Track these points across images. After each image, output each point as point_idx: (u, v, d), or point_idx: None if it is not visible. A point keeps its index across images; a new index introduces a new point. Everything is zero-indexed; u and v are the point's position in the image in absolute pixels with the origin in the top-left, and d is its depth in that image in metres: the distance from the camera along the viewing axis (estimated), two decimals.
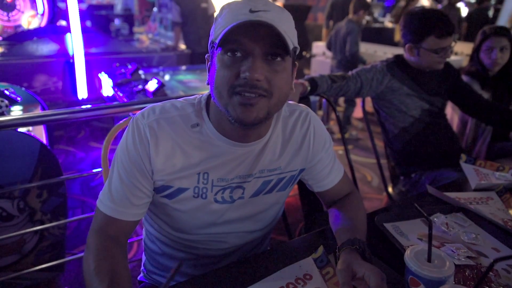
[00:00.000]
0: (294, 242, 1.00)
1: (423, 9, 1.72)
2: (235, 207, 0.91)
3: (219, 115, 0.82)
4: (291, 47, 0.74)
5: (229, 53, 0.74)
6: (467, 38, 5.86)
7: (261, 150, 0.89)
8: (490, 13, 7.46)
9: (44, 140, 2.33)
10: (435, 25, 1.61)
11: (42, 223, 1.81)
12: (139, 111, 0.86)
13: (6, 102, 1.91)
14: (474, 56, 2.09)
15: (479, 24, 5.57)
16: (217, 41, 0.73)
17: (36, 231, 1.81)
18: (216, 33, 0.75)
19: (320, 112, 4.47)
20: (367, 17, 8.06)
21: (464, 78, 2.07)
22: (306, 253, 0.91)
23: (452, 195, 1.21)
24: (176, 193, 0.86)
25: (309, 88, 1.57)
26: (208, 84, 0.80)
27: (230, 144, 0.85)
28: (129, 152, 0.83)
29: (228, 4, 0.77)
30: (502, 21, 6.52)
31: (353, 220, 0.94)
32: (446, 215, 1.10)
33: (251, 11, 0.72)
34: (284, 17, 0.76)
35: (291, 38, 0.75)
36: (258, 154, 0.89)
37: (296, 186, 1.40)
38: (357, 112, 4.74)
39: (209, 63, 0.81)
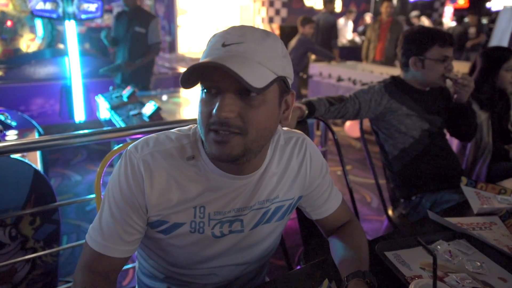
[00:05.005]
0: (294, 274, 0.97)
1: (421, 25, 1.76)
2: (234, 240, 0.88)
3: None
4: (267, 79, 0.70)
5: (205, 90, 0.73)
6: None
7: (258, 181, 0.87)
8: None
9: (38, 163, 2.30)
10: (437, 35, 1.65)
11: (35, 251, 1.76)
12: (132, 144, 0.83)
13: (0, 127, 1.89)
14: (484, 78, 2.06)
15: None
16: (182, 78, 0.70)
17: (28, 259, 1.75)
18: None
19: (318, 133, 4.46)
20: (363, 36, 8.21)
21: None
22: (307, 286, 0.88)
23: (454, 220, 1.18)
24: (172, 228, 0.83)
25: (306, 111, 1.56)
26: None
27: (226, 177, 0.82)
28: (122, 187, 0.80)
29: (214, 35, 0.75)
30: (495, 40, 6.62)
31: (357, 250, 0.91)
32: (449, 242, 1.07)
33: (223, 45, 0.70)
34: (263, 46, 0.71)
35: (271, 68, 0.71)
36: (255, 185, 0.87)
37: (295, 210, 1.38)
38: (355, 132, 4.74)
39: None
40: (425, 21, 8.84)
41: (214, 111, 0.70)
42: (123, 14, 3.67)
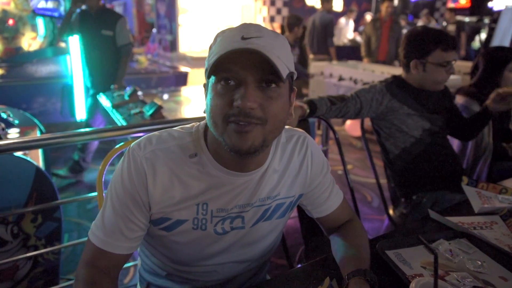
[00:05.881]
0: (295, 272, 0.97)
1: (425, 26, 1.75)
2: (235, 237, 0.89)
3: (216, 144, 0.80)
4: (285, 72, 0.72)
5: (222, 82, 0.72)
6: None
7: (260, 179, 0.87)
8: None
9: (40, 161, 2.31)
10: (440, 38, 1.64)
11: (36, 249, 1.77)
12: (135, 142, 0.83)
13: (3, 125, 1.90)
14: (487, 78, 2.06)
15: None
16: (209, 70, 0.72)
17: (29, 257, 1.76)
18: (209, 61, 0.74)
19: (319, 132, 4.46)
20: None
21: (463, 98, 2.07)
22: (308, 284, 0.88)
23: (455, 219, 1.18)
24: (174, 225, 0.84)
25: (308, 110, 1.56)
26: (205, 112, 0.79)
27: (229, 174, 0.83)
28: (124, 184, 0.80)
29: (222, 32, 0.77)
30: (496, 40, 6.62)
31: (358, 249, 0.92)
32: (450, 241, 1.07)
33: (243, 38, 0.71)
34: (278, 42, 0.74)
35: (286, 63, 0.73)
36: (257, 183, 0.87)
37: (296, 209, 1.38)
38: (356, 131, 4.74)
39: (205, 91, 0.80)
40: (432, 21, 8.83)
41: (236, 102, 0.70)
42: (87, 16, 3.32)
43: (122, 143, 1.21)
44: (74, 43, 3.94)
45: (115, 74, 3.44)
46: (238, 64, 0.70)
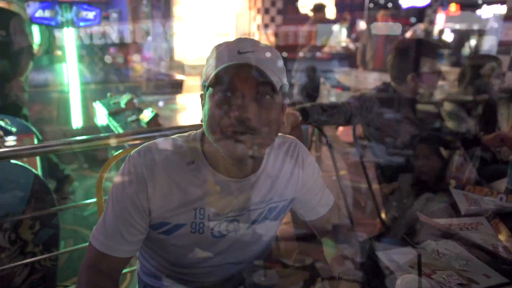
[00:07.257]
0: (288, 273, 1.01)
1: (411, 39, 1.82)
2: (231, 239, 0.93)
3: (212, 151, 0.84)
4: (279, 85, 0.77)
5: (219, 93, 0.77)
6: None
7: (254, 184, 0.91)
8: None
9: (38, 169, 2.32)
10: (429, 48, 1.74)
11: (34, 255, 1.78)
12: (135, 150, 0.87)
13: (1, 133, 1.92)
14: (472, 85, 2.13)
15: None
16: (207, 82, 0.77)
17: (26, 264, 1.77)
18: (207, 74, 0.79)
19: (313, 138, 4.51)
20: None
21: (450, 105, 2.13)
22: (300, 285, 0.92)
23: (443, 221, 1.23)
24: (173, 229, 0.87)
25: (300, 118, 1.61)
26: (202, 122, 0.83)
27: (225, 180, 0.87)
28: (125, 191, 0.84)
29: (219, 45, 0.81)
30: (485, 47, 6.74)
31: (348, 250, 0.96)
32: (437, 242, 1.11)
33: (239, 53, 0.76)
34: (272, 56, 0.79)
35: (279, 76, 0.78)
36: (251, 188, 0.91)
37: (289, 213, 1.42)
38: (348, 136, 4.79)
39: (202, 101, 0.85)
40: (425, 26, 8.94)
41: (232, 112, 0.75)
42: None
43: (120, 151, 1.24)
44: (70, 51, 3.98)
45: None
46: (234, 77, 0.76)
